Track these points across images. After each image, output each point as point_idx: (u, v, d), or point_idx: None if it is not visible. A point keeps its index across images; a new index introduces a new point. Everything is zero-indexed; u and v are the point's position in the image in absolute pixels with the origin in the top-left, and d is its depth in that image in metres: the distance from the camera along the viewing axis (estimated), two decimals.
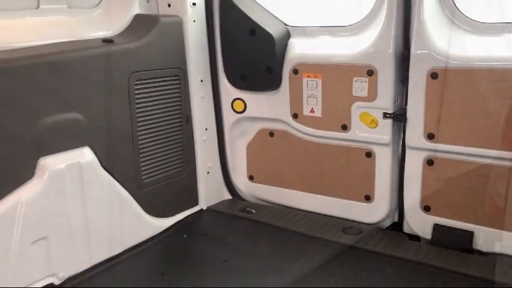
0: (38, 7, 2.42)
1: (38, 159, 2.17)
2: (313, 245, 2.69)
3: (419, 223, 2.69)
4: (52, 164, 2.19)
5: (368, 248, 2.62)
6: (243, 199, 3.29)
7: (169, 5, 2.86)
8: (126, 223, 2.54)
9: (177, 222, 2.90)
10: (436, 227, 2.63)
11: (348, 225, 2.84)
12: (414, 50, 2.48)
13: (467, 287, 2.25)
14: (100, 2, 2.69)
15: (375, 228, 2.81)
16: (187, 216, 2.99)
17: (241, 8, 2.89)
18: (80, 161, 2.30)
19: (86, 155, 2.34)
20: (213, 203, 3.19)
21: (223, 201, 3.26)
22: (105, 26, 2.64)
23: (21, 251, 2.08)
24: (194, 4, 2.88)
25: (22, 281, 2.10)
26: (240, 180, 3.28)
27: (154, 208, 2.74)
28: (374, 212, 2.83)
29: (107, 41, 2.50)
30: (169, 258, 2.58)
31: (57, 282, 2.24)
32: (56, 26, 2.44)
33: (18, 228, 2.07)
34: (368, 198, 2.84)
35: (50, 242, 2.19)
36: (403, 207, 2.75)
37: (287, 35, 2.94)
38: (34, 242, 2.13)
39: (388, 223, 2.86)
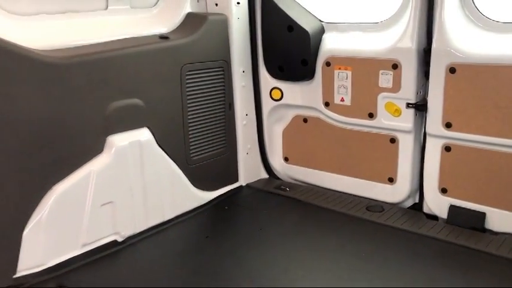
0: (106, 8, 2.83)
1: (106, 137, 2.59)
2: (338, 220, 3.02)
3: (436, 204, 2.96)
4: (117, 141, 2.62)
5: (388, 224, 2.92)
6: (278, 178, 3.64)
7: (216, 4, 3.23)
8: (176, 194, 2.96)
9: (220, 195, 3.29)
10: (452, 208, 2.89)
11: (371, 204, 3.16)
12: (435, 46, 2.73)
13: (481, 262, 2.50)
14: (157, 2, 3.08)
15: (396, 207, 3.11)
16: (228, 191, 3.38)
17: (280, 6, 3.21)
18: (140, 140, 2.72)
19: (144, 134, 2.75)
20: (252, 181, 3.55)
21: (261, 179, 3.62)
22: (161, 24, 3.02)
23: (92, 212, 2.53)
24: (238, 3, 3.22)
25: (93, 236, 2.56)
26: (276, 161, 3.63)
27: (200, 182, 3.14)
28: (396, 193, 3.12)
29: (163, 37, 2.89)
30: (212, 224, 3.00)
31: (120, 239, 2.68)
32: (120, 24, 2.85)
33: (90, 193, 2.52)
34: (391, 180, 3.13)
35: (115, 206, 2.63)
36: (422, 189, 3.03)
37: (321, 31, 3.24)
38: (102, 205, 2.57)
39: (409, 203, 3.14)
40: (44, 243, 2.36)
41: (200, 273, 2.45)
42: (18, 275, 2.29)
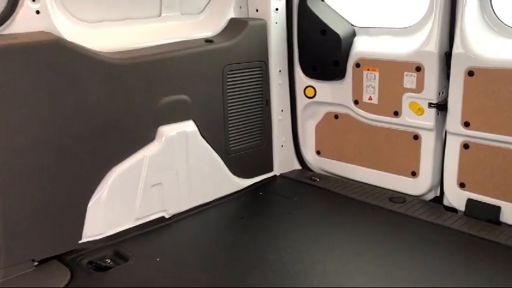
0: (160, 15, 3.23)
1: (157, 127, 2.99)
2: (363, 209, 3.30)
3: (455, 197, 3.18)
4: (167, 131, 3.01)
5: (409, 214, 3.17)
6: (310, 170, 3.93)
7: (257, 10, 3.56)
8: (216, 179, 3.33)
9: (255, 183, 3.63)
10: (469, 201, 3.10)
11: (394, 195, 3.41)
12: (455, 51, 2.95)
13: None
14: (204, 9, 3.45)
15: (417, 199, 3.35)
16: (263, 179, 3.70)
17: (315, 12, 3.51)
18: (186, 130, 3.11)
19: (190, 126, 3.14)
20: (285, 171, 3.87)
21: (294, 170, 3.92)
22: (207, 28, 3.39)
23: (145, 191, 2.95)
24: (277, 9, 3.55)
25: (144, 212, 2.97)
26: (309, 154, 3.93)
27: (238, 170, 3.49)
28: (418, 186, 3.36)
29: (208, 40, 3.26)
30: (247, 207, 3.36)
31: (167, 216, 3.08)
32: (171, 29, 3.24)
33: (143, 175, 2.93)
34: (414, 174, 3.37)
35: (163, 187, 3.03)
36: (443, 183, 3.25)
37: (353, 34, 3.50)
38: (153, 186, 2.98)
39: (430, 197, 3.37)
40: (103, 216, 2.80)
41: (234, 247, 2.82)
42: (82, 241, 2.74)
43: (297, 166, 3.96)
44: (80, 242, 2.73)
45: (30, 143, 2.46)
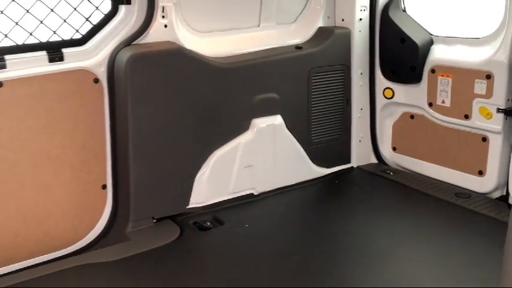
0: (259, 25, 3.84)
1: (251, 119, 3.60)
2: (429, 201, 3.65)
3: None
4: (259, 123, 3.61)
5: (472, 209, 3.46)
6: (386, 164, 4.29)
7: (342, 20, 4.03)
8: (298, 166, 3.87)
9: (333, 172, 4.09)
10: None
11: (460, 191, 3.72)
12: None
13: None
14: (296, 19, 4.01)
15: (482, 196, 3.63)
16: (341, 169, 4.15)
17: (395, 21, 3.89)
18: (274, 123, 3.68)
19: (278, 120, 3.70)
20: (362, 164, 4.30)
21: (370, 164, 4.30)
22: (297, 36, 3.92)
23: (239, 171, 3.58)
24: (361, 19, 3.99)
25: (238, 188, 3.59)
26: (385, 149, 4.30)
27: (318, 160, 3.99)
28: (485, 184, 3.62)
29: (298, 47, 3.81)
30: (323, 192, 3.87)
31: (255, 193, 3.69)
32: (267, 37, 3.82)
33: (238, 158, 3.57)
34: (481, 173, 3.64)
35: (254, 169, 3.64)
36: (508, 183, 3.50)
37: (430, 42, 3.84)
38: (245, 167, 3.60)
39: (496, 195, 3.61)
40: (206, 188, 3.48)
41: (310, 224, 3.38)
42: (189, 206, 3.45)
43: (374, 160, 4.35)
44: (188, 207, 3.44)
45: (157, 129, 3.20)
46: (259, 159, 3.65)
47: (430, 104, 3.85)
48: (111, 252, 2.99)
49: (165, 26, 3.24)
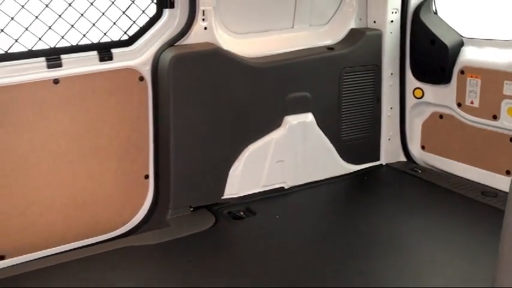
0: (292, 27, 4.01)
1: (283, 117, 3.77)
2: (456, 199, 3.75)
3: None
4: (290, 120, 3.79)
5: (498, 207, 3.53)
6: (414, 162, 4.39)
7: (374, 22, 4.16)
8: (328, 162, 4.03)
9: (362, 169, 4.22)
10: None
11: (487, 190, 3.80)
12: None
13: None
14: (329, 21, 4.16)
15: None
16: (370, 166, 4.28)
17: (426, 24, 3.99)
18: (306, 121, 3.85)
19: (309, 117, 3.87)
20: (391, 162, 4.42)
21: (399, 161, 4.40)
22: (330, 38, 4.07)
23: (270, 165, 3.76)
24: (392, 21, 4.11)
25: (269, 181, 3.78)
26: (414, 148, 4.39)
27: (347, 156, 4.13)
28: None
29: (330, 48, 3.97)
30: (352, 188, 4.02)
31: (286, 187, 3.88)
32: (301, 38, 3.99)
33: (270, 153, 3.75)
34: (508, 173, 3.71)
35: (284, 164, 3.82)
36: None
37: (460, 44, 3.92)
38: (277, 162, 3.78)
39: None
40: (239, 180, 3.69)
41: (337, 217, 3.56)
42: (223, 197, 3.67)
43: (403, 158, 4.45)
44: (222, 197, 3.67)
45: (196, 124, 3.44)
46: (290, 154, 3.84)
47: (459, 104, 3.94)
48: (151, 237, 3.25)
49: (205, 28, 3.47)
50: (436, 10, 4.08)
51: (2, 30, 2.91)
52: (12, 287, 2.74)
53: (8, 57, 2.95)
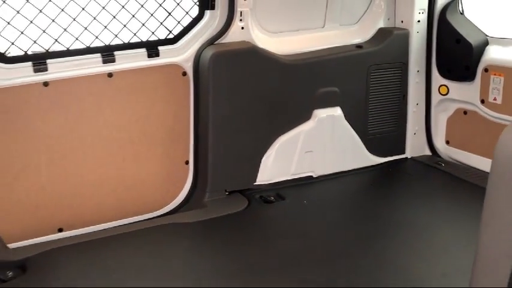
0: (323, 26, 4.28)
1: (313, 110, 4.04)
2: (478, 192, 3.88)
3: None
4: (320, 114, 4.06)
5: None
6: (439, 156, 4.57)
7: (402, 21, 4.38)
8: (355, 153, 4.27)
9: (387, 161, 4.43)
10: None
11: None
12: None
13: None
14: (358, 20, 4.40)
15: None
16: (395, 159, 4.48)
17: (452, 23, 4.17)
18: (334, 114, 4.11)
19: (337, 111, 4.13)
20: (416, 155, 4.62)
21: (424, 155, 4.59)
22: (359, 36, 4.31)
23: (299, 155, 4.05)
24: (419, 21, 4.31)
25: (298, 170, 4.05)
26: (439, 142, 4.57)
27: (373, 149, 4.36)
28: None
29: (358, 46, 4.21)
30: (377, 179, 4.25)
31: (314, 175, 4.15)
32: (331, 37, 4.24)
33: (300, 144, 4.03)
34: None
35: (313, 154, 4.09)
36: None
37: (485, 43, 4.10)
38: (306, 152, 4.06)
39: None
40: (270, 168, 3.99)
41: (362, 205, 3.84)
42: (256, 183, 3.98)
43: (427, 152, 4.64)
44: (254, 183, 3.98)
45: (232, 115, 3.76)
46: (318, 145, 4.11)
47: (483, 101, 4.12)
48: (190, 216, 3.60)
49: (242, 28, 3.79)
50: (462, 10, 4.26)
51: (65, 30, 3.31)
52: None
53: (69, 53, 3.37)
